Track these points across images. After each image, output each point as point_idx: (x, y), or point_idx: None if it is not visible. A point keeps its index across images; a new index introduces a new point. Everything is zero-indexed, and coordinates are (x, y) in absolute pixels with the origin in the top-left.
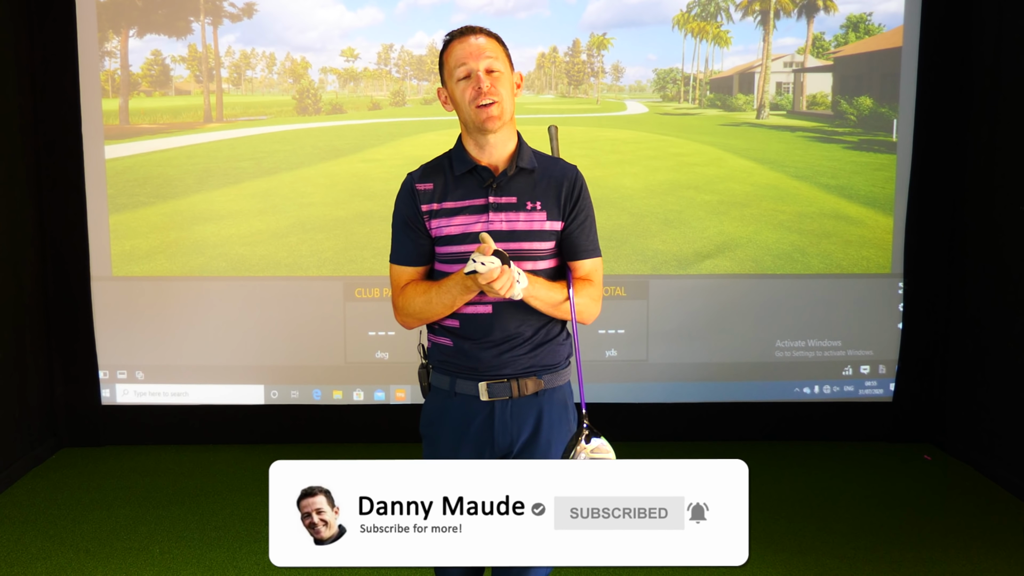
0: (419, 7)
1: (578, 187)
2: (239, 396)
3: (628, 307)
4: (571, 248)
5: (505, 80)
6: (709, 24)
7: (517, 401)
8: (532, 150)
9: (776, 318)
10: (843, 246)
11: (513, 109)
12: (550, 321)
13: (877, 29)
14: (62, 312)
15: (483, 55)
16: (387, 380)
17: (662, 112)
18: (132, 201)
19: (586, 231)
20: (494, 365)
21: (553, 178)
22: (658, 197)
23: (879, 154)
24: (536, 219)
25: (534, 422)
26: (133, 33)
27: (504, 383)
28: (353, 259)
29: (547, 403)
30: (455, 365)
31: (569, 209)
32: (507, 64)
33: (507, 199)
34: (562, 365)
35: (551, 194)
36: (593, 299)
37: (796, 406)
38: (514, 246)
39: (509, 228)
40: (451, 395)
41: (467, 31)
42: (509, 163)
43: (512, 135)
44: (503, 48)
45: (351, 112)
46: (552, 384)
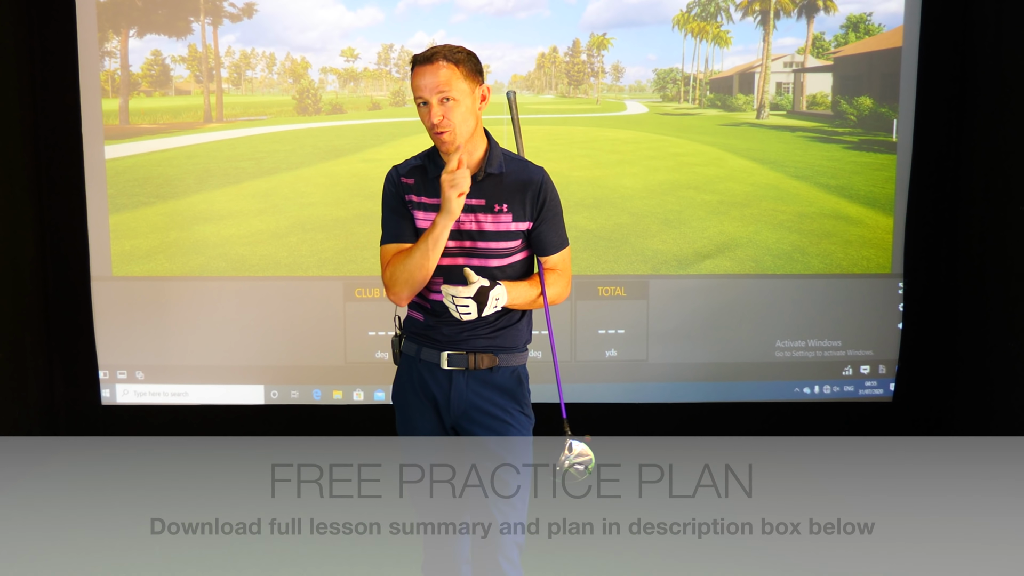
0: (419, 7)
1: (544, 191)
2: (239, 396)
3: (628, 307)
4: (540, 244)
5: (459, 105)
6: (709, 24)
7: (474, 373)
8: (503, 152)
9: (776, 318)
10: (843, 246)
11: (475, 124)
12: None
13: (877, 29)
14: (62, 312)
15: (437, 88)
16: (387, 380)
17: (662, 112)
18: (132, 201)
19: (553, 228)
20: (456, 340)
21: (520, 182)
22: (658, 197)
23: (879, 154)
24: (503, 220)
25: (488, 393)
26: (133, 33)
27: (463, 355)
28: (353, 259)
29: (500, 378)
30: (423, 336)
31: (536, 212)
32: (466, 85)
33: (476, 201)
34: (519, 348)
35: (517, 197)
36: (563, 287)
37: (796, 406)
38: (482, 244)
39: (478, 228)
40: (416, 360)
41: (427, 59)
42: (478, 169)
43: (479, 143)
44: (463, 68)
45: (351, 112)
46: (507, 363)
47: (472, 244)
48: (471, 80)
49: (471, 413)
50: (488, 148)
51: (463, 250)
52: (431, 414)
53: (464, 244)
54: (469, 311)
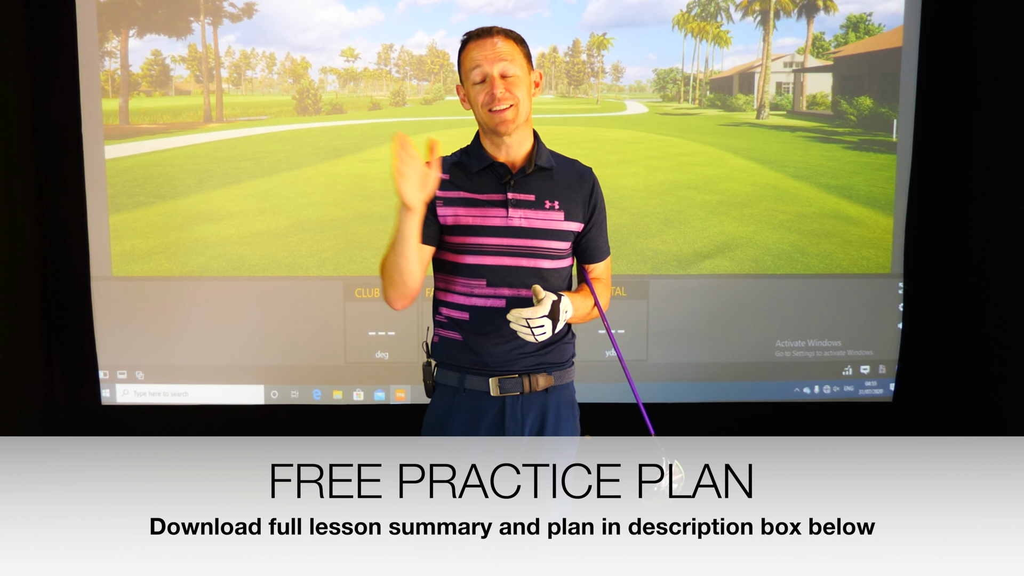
0: (419, 7)
1: (597, 190)
2: (239, 396)
3: (628, 307)
4: (588, 250)
5: (521, 82)
6: (709, 24)
7: (527, 397)
8: (549, 150)
9: (776, 318)
10: (843, 246)
11: (530, 110)
12: None
13: (877, 29)
14: (62, 312)
15: (498, 59)
16: (387, 380)
17: (662, 112)
18: (132, 201)
19: (603, 233)
20: (505, 361)
21: (572, 179)
22: (658, 197)
23: (879, 154)
24: (553, 218)
25: (543, 416)
26: (133, 33)
27: (515, 379)
28: (353, 259)
29: (556, 399)
30: (464, 360)
31: (589, 213)
32: (525, 65)
33: (525, 196)
34: (568, 363)
35: (569, 195)
36: (608, 299)
37: (796, 406)
38: (531, 243)
39: (528, 225)
40: (459, 391)
41: (484, 32)
42: (527, 161)
43: (529, 135)
44: (521, 49)
45: (351, 112)
46: (561, 381)
47: (522, 242)
48: (528, 62)
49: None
50: (536, 142)
51: (511, 249)
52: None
53: (513, 242)
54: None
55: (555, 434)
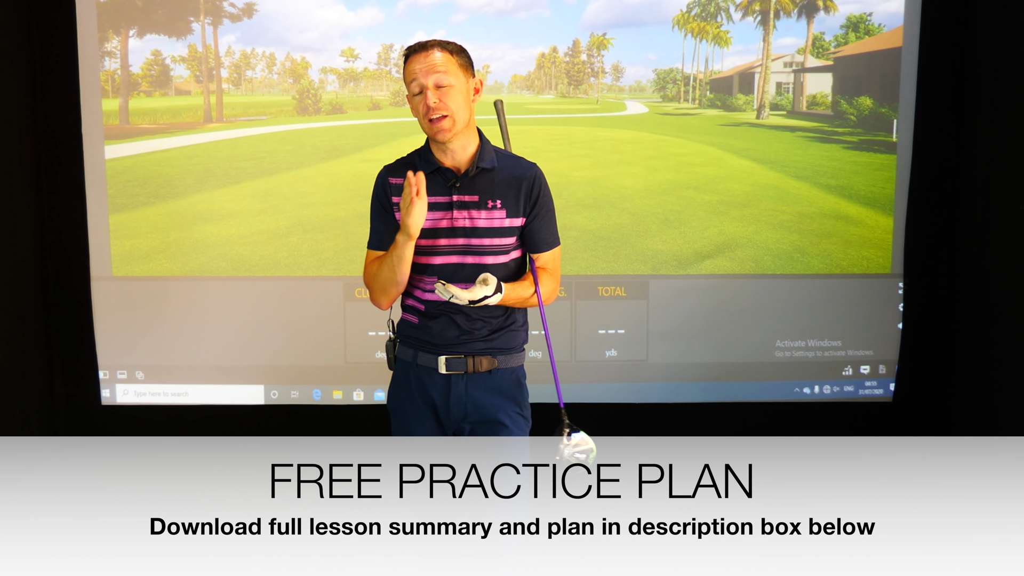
0: (419, 7)
1: (537, 185)
2: (239, 396)
3: (628, 307)
4: (532, 241)
5: (455, 92)
6: (709, 24)
7: (472, 376)
8: (495, 149)
9: (776, 318)
10: (843, 246)
11: (469, 116)
12: (511, 309)
13: (877, 29)
14: (62, 312)
15: (432, 71)
16: (387, 380)
17: (662, 112)
18: (132, 201)
19: (547, 224)
20: (454, 344)
21: (513, 177)
22: (658, 197)
23: (879, 154)
24: (496, 216)
25: (487, 396)
26: (133, 33)
27: (461, 359)
28: (353, 259)
29: (499, 380)
30: (418, 340)
31: (529, 207)
32: (462, 74)
33: (469, 197)
34: (517, 349)
35: (511, 193)
36: (553, 287)
37: (796, 406)
38: (476, 242)
39: (471, 225)
40: (413, 366)
41: (421, 47)
42: (471, 164)
43: (472, 138)
44: (457, 58)
45: (351, 112)
46: (505, 364)
47: (466, 241)
48: (465, 71)
49: (471, 417)
50: (480, 144)
51: (457, 248)
52: (429, 419)
53: (458, 242)
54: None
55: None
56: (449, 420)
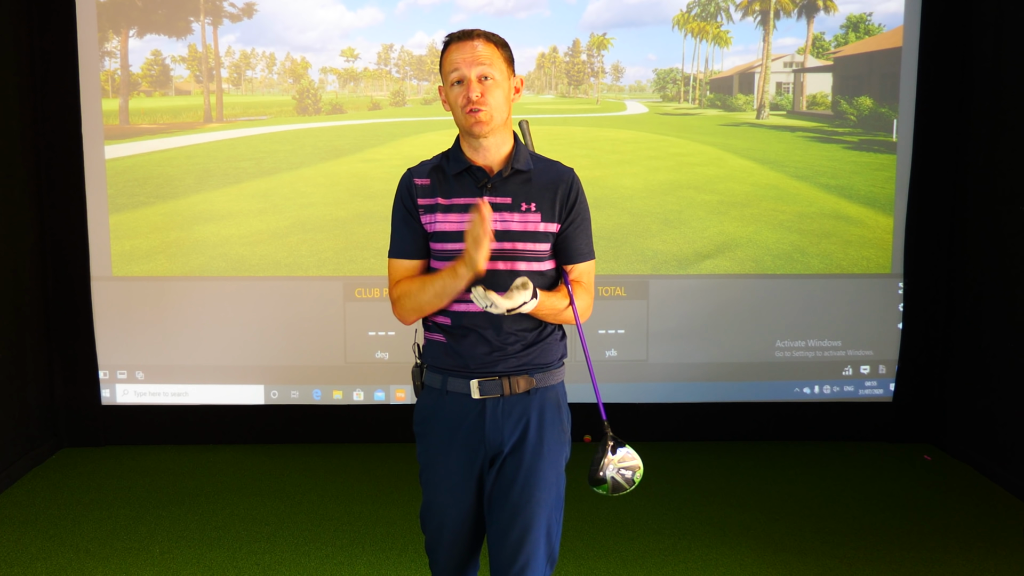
0: (419, 7)
1: (575, 190)
2: (239, 396)
3: (628, 307)
4: (566, 251)
5: (498, 87)
6: (709, 24)
7: (508, 399)
8: (530, 152)
9: (776, 318)
10: (843, 246)
11: (508, 114)
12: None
13: (877, 29)
14: (62, 312)
15: (477, 62)
16: (387, 380)
17: (662, 112)
18: (132, 201)
19: (582, 234)
20: (486, 363)
21: (549, 180)
22: (658, 197)
23: (879, 154)
24: (530, 220)
25: (526, 421)
26: (133, 33)
27: (495, 381)
28: (353, 259)
29: (539, 402)
30: (447, 363)
31: (566, 213)
32: (504, 69)
33: (502, 199)
34: (555, 364)
35: (547, 196)
36: (588, 302)
37: (796, 406)
38: (508, 246)
39: (503, 228)
40: (443, 393)
41: (465, 35)
42: (504, 164)
43: (508, 138)
44: (502, 52)
45: (351, 112)
46: (544, 383)
47: (499, 245)
48: (509, 66)
49: (507, 443)
50: (515, 145)
51: (488, 253)
52: (460, 452)
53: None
54: (498, 309)
55: (538, 439)
56: (485, 449)
